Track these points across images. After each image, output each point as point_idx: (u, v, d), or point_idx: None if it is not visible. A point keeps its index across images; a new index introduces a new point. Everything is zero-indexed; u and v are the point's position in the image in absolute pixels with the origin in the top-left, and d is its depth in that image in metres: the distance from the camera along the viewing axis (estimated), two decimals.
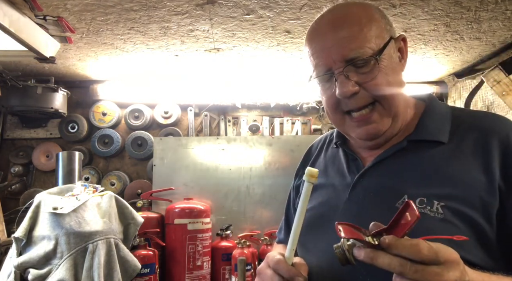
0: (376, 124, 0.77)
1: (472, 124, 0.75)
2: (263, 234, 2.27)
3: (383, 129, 0.77)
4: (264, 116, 2.68)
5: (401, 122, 0.79)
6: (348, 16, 0.77)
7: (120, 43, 1.91)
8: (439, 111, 0.81)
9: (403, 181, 0.73)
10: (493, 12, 1.61)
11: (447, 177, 0.69)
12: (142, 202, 2.19)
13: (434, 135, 0.76)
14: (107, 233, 1.61)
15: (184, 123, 2.67)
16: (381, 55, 0.74)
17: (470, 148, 0.72)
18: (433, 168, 0.72)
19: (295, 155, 2.38)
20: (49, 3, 1.48)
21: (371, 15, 0.77)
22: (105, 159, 2.61)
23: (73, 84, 2.54)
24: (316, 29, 0.81)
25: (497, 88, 2.05)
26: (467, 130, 0.75)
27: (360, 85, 0.75)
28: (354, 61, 0.74)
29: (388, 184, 0.74)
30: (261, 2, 1.52)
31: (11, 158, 2.51)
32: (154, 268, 1.87)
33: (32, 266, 1.49)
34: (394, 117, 0.77)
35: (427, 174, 0.71)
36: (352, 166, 0.83)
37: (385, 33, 0.77)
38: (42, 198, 1.64)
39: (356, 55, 0.74)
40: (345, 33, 0.75)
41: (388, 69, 0.75)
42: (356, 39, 0.74)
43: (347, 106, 0.77)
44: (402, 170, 0.75)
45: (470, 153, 0.71)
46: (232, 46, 1.96)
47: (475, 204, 0.65)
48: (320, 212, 0.84)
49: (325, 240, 0.79)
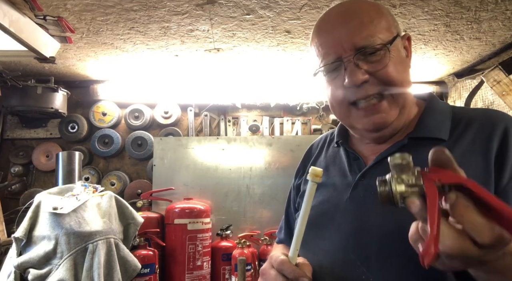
0: (384, 114, 0.76)
1: (472, 120, 0.76)
2: (263, 234, 2.27)
3: (390, 120, 0.77)
4: (264, 116, 2.68)
5: (407, 116, 0.80)
6: (358, 8, 0.78)
7: (120, 43, 1.91)
8: (440, 109, 0.81)
9: None
10: (493, 12, 1.61)
11: None
12: (142, 202, 2.19)
13: (434, 132, 0.76)
14: (107, 233, 1.61)
15: (184, 123, 2.67)
16: (391, 46, 0.75)
17: (470, 144, 0.72)
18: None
19: (295, 155, 2.38)
20: (49, 3, 1.48)
21: (380, 10, 0.79)
22: (105, 159, 2.61)
23: (73, 84, 2.54)
24: (325, 20, 0.82)
25: (497, 88, 2.05)
26: (466, 127, 0.75)
27: (370, 73, 0.74)
28: (364, 49, 0.74)
29: None
30: (261, 2, 1.51)
31: (11, 158, 2.51)
32: (154, 268, 1.87)
33: (32, 266, 1.49)
34: (402, 109, 0.77)
35: None
36: (354, 165, 0.83)
37: (393, 28, 0.79)
38: (42, 198, 1.64)
39: (367, 43, 0.74)
40: (355, 23, 0.75)
41: (397, 60, 0.76)
42: (367, 28, 0.75)
43: (355, 95, 0.76)
44: None
45: (470, 149, 0.72)
46: (232, 46, 1.96)
47: None
48: (321, 211, 0.83)
49: (326, 239, 0.78)
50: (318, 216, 0.83)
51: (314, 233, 0.82)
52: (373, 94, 0.75)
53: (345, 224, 0.76)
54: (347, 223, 0.76)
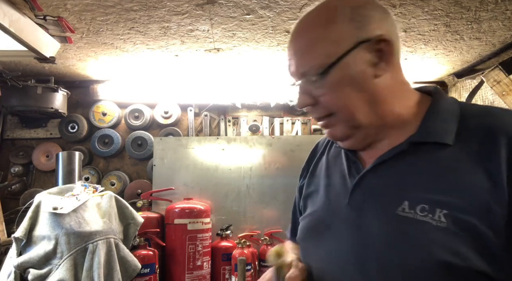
0: (332, 130, 0.77)
1: (480, 123, 0.68)
2: (263, 234, 2.27)
3: (339, 135, 0.77)
4: (264, 116, 2.68)
5: (381, 120, 0.74)
6: (304, 26, 0.77)
7: (120, 43, 1.91)
8: (446, 109, 0.73)
9: (403, 185, 0.69)
10: (493, 12, 1.61)
11: (451, 182, 0.65)
12: (142, 202, 2.19)
13: (438, 136, 0.70)
14: (107, 233, 1.61)
15: (184, 123, 2.67)
16: (331, 70, 0.71)
17: (476, 150, 0.66)
18: (436, 173, 0.67)
19: (295, 155, 2.38)
20: (49, 3, 1.48)
21: (331, 20, 0.72)
22: (105, 159, 2.61)
23: (73, 84, 2.54)
24: (289, 39, 0.83)
25: (497, 88, 2.05)
26: (474, 130, 0.68)
27: (314, 98, 0.75)
28: (306, 76, 0.74)
29: (388, 188, 0.70)
30: (261, 2, 1.51)
31: (11, 158, 2.51)
32: (154, 268, 1.87)
33: (32, 266, 1.49)
34: (357, 128, 0.74)
35: (430, 179, 0.66)
36: (352, 168, 0.80)
37: (348, 38, 0.70)
38: (42, 198, 1.64)
39: (305, 70, 0.73)
40: (298, 47, 0.75)
41: (345, 81, 0.71)
42: (304, 57, 0.73)
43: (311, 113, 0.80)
44: (402, 174, 0.70)
45: (476, 156, 0.65)
46: (232, 46, 1.96)
47: (480, 213, 0.61)
48: (321, 217, 0.82)
49: (324, 247, 0.77)
50: (318, 223, 0.82)
51: (314, 240, 0.81)
52: (323, 116, 0.76)
53: (345, 232, 0.74)
54: (347, 231, 0.73)
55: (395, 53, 0.74)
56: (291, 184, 2.46)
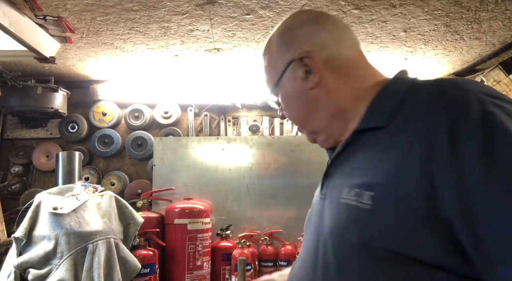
0: (304, 135, 0.88)
1: (420, 102, 0.63)
2: (263, 234, 2.27)
3: (310, 140, 0.88)
4: (264, 116, 2.68)
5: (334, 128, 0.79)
6: (262, 54, 0.89)
7: (120, 43, 1.91)
8: (391, 92, 0.70)
9: (344, 174, 0.72)
10: (493, 12, 1.61)
11: (378, 165, 0.63)
12: (142, 202, 2.19)
13: (374, 121, 0.68)
14: (107, 233, 1.61)
15: (184, 123, 2.67)
16: (275, 90, 0.84)
17: (410, 132, 0.61)
18: (369, 157, 0.67)
19: (295, 155, 2.38)
20: (49, 3, 1.48)
21: (269, 50, 0.86)
22: (105, 159, 2.61)
23: (73, 84, 2.54)
24: None
25: (497, 88, 2.05)
26: (412, 110, 0.63)
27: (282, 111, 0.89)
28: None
29: (336, 179, 0.75)
30: (261, 2, 1.52)
31: (11, 158, 2.51)
32: (154, 268, 1.87)
33: (32, 266, 1.49)
34: (315, 132, 0.84)
35: (364, 164, 0.67)
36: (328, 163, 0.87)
37: (280, 62, 0.82)
38: (42, 198, 1.64)
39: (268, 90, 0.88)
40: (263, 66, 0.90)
41: (288, 98, 0.83)
42: (265, 78, 0.88)
43: None
44: (346, 163, 0.74)
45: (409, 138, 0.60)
46: (232, 46, 1.96)
47: (403, 191, 0.57)
48: (311, 210, 0.88)
49: (305, 240, 0.82)
50: (308, 216, 0.88)
51: (305, 233, 0.86)
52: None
53: (314, 224, 0.79)
54: (315, 223, 0.78)
55: (326, 60, 0.78)
56: (291, 184, 2.48)
